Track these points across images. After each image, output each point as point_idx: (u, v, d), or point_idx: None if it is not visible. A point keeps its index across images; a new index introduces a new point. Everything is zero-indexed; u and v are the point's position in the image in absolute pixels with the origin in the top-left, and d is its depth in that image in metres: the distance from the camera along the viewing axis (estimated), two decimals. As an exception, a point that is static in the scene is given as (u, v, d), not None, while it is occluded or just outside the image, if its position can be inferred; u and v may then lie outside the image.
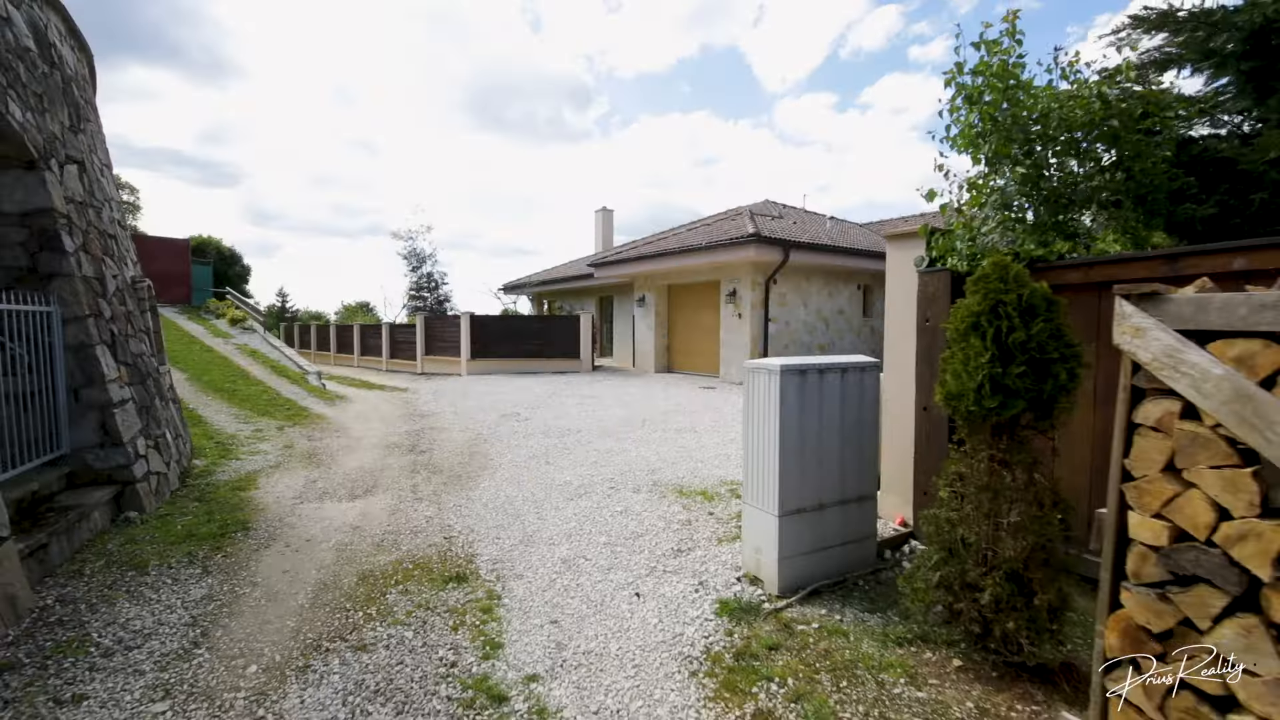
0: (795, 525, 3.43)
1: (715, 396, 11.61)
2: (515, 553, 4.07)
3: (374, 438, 8.14)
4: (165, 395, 6.03)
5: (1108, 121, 3.64)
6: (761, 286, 13.49)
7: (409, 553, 4.07)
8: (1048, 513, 2.57)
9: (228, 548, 4.16)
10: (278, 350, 15.05)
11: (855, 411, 3.63)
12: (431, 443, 7.77)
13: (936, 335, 3.87)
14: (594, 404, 10.70)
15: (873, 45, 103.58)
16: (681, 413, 9.65)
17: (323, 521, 4.73)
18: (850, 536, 3.67)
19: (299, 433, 8.38)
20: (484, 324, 16.85)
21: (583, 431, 8.20)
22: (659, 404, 10.64)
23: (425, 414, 10.22)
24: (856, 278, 16.04)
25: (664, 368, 16.76)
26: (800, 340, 14.57)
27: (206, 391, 10.62)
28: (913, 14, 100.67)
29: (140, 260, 19.73)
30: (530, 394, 12.23)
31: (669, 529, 4.41)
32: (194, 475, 5.99)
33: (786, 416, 3.34)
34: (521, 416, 9.59)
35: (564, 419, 9.24)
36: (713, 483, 5.55)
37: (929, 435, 3.95)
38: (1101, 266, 3.19)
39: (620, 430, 8.25)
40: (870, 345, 16.65)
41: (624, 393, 12.23)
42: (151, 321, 6.10)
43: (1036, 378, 2.49)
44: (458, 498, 5.35)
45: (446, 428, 8.88)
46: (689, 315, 16.11)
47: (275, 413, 9.63)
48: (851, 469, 3.65)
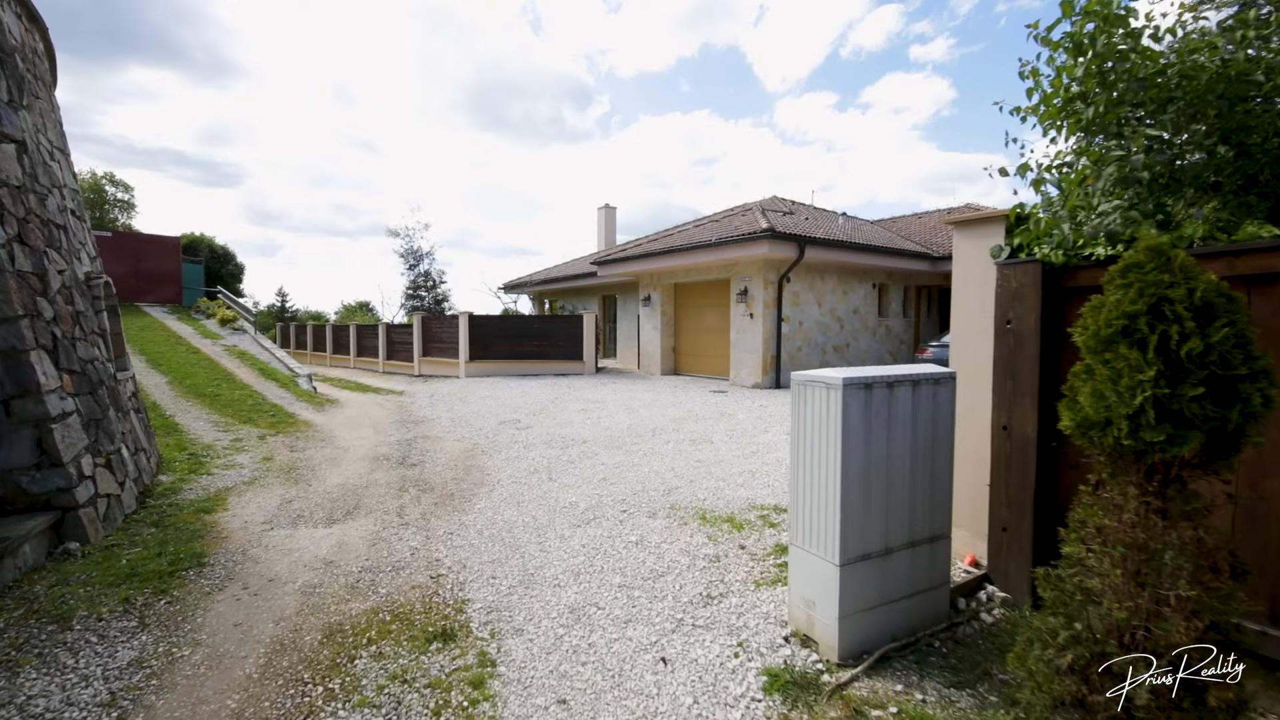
0: (859, 574, 2.78)
1: (727, 401, 10.96)
2: (514, 597, 3.42)
3: (362, 448, 7.50)
4: (123, 405, 5.39)
5: (1226, 85, 2.99)
6: (774, 285, 12.84)
7: (388, 597, 3.43)
8: (1225, 582, 1.92)
9: (175, 590, 3.52)
10: (268, 352, 14.42)
11: (928, 432, 2.98)
12: (424, 454, 7.13)
13: (1022, 340, 3.23)
14: (599, 410, 10.06)
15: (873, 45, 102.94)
16: (693, 420, 9.00)
17: (292, 554, 4.09)
18: (920, 585, 3.02)
19: (282, 442, 7.74)
20: (483, 324, 16.20)
21: (588, 442, 7.55)
22: (668, 410, 9.99)
23: (419, 420, 9.59)
24: (871, 276, 15.38)
25: (670, 370, 16.12)
26: (814, 341, 13.92)
27: (187, 397, 9.99)
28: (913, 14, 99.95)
29: (129, 259, 19.14)
30: (531, 398, 11.59)
31: (694, 566, 3.76)
32: (156, 494, 5.36)
33: (850, 441, 2.69)
34: (522, 424, 8.95)
35: (568, 427, 8.59)
36: (739, 506, 4.90)
37: (1009, 460, 3.31)
38: (1254, 256, 2.53)
39: (629, 440, 7.60)
40: (887, 346, 16.00)
41: (630, 397, 11.59)
42: (109, 323, 5.46)
43: (1219, 401, 1.84)
44: (449, 522, 4.71)
45: (441, 436, 8.24)
46: (697, 315, 15.47)
47: (259, 419, 8.99)
48: (923, 503, 3.00)
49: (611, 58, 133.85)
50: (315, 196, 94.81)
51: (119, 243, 18.93)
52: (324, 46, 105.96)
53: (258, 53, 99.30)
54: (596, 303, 21.43)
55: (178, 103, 74.47)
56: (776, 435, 7.73)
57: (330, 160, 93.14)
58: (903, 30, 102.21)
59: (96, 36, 65.27)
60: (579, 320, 16.23)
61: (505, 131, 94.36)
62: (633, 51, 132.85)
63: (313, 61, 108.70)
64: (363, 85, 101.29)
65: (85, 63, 63.59)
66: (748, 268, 13.00)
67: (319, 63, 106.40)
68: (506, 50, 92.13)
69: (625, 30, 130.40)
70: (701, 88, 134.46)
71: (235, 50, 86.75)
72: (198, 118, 78.74)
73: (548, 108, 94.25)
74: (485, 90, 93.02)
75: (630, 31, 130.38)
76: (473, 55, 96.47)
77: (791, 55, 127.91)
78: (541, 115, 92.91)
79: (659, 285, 15.90)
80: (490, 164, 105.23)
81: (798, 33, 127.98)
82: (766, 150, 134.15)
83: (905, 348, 16.74)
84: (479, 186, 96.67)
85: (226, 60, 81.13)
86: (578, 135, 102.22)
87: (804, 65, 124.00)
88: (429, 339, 17.28)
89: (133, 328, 15.31)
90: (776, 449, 6.95)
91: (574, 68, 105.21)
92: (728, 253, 12.52)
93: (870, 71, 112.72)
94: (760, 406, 10.19)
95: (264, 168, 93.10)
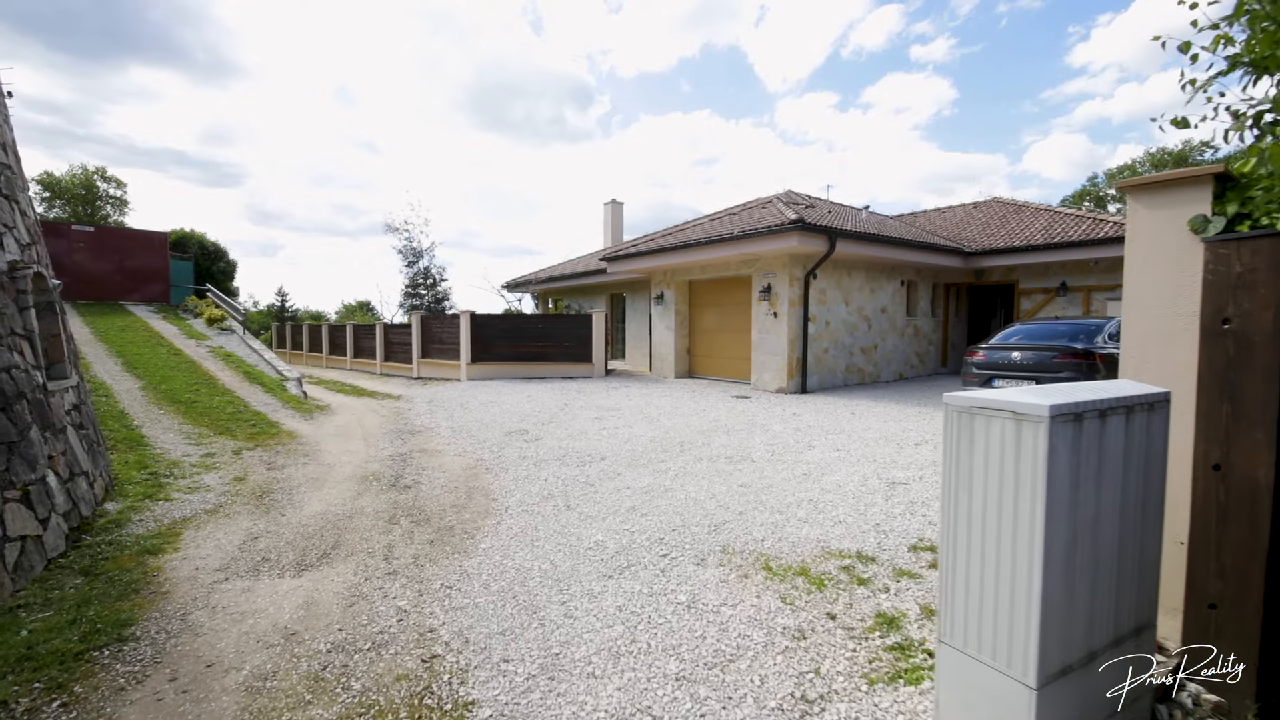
0: (1060, 695, 1.86)
1: (755, 409, 10.03)
2: (533, 696, 2.50)
3: (350, 464, 6.59)
4: (55, 421, 4.47)
5: None
6: (800, 281, 11.90)
7: (362, 698, 2.51)
8: None
9: (77, 683, 2.60)
10: (256, 354, 13.51)
11: (1139, 479, 2.06)
12: (420, 472, 6.21)
13: (1248, 346, 2.30)
14: (615, 419, 9.14)
15: (874, 45, 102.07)
16: (723, 431, 8.07)
17: (245, 620, 3.17)
18: (1125, 700, 2.10)
19: (259, 458, 6.83)
20: (485, 324, 15.27)
21: (608, 458, 6.63)
22: (692, 419, 9.06)
23: (416, 430, 8.67)
24: (899, 272, 14.45)
25: (684, 372, 15.19)
26: (841, 342, 12.98)
27: (161, 403, 9.08)
28: (914, 14, 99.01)
29: (113, 255, 18.26)
30: (539, 404, 10.67)
31: (773, 647, 2.84)
32: (97, 528, 4.45)
33: (1056, 499, 1.77)
34: (530, 435, 8.03)
35: (582, 440, 7.67)
36: (810, 552, 3.96)
37: (1224, 511, 2.37)
38: None
39: (655, 457, 6.68)
40: (915, 347, 15.06)
41: (647, 403, 10.67)
42: (37, 323, 4.54)
43: None
44: (448, 569, 3.79)
45: (440, 450, 7.32)
46: (714, 314, 14.54)
47: (237, 430, 8.08)
48: (1130, 580, 2.08)
49: (612, 58, 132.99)
50: (316, 196, 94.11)
51: (102, 238, 18.00)
52: (325, 47, 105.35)
53: (259, 53, 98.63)
54: (604, 302, 20.50)
55: (179, 103, 73.94)
56: (824, 452, 6.80)
57: (331, 160, 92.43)
58: (903, 30, 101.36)
59: (98, 36, 64.77)
60: (588, 320, 15.31)
61: (506, 131, 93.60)
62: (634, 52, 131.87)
63: (314, 62, 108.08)
64: (364, 86, 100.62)
65: (87, 63, 63.29)
66: (772, 263, 12.07)
67: (320, 63, 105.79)
68: (508, 50, 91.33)
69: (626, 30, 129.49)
70: (702, 88, 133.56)
71: (236, 51, 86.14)
72: (199, 118, 78.18)
73: (549, 108, 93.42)
74: (486, 90, 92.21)
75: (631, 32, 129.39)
76: (474, 56, 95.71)
77: (792, 55, 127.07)
78: (543, 115, 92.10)
79: (673, 282, 14.97)
80: (491, 164, 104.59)
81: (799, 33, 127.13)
82: (767, 150, 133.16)
83: (934, 349, 15.80)
84: (480, 187, 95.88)
85: (228, 60, 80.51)
86: (579, 135, 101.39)
87: (805, 65, 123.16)
88: (429, 340, 16.37)
89: (113, 327, 14.42)
90: (831, 470, 6.02)
91: (575, 68, 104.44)
92: (751, 246, 11.58)
93: (871, 71, 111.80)
94: (793, 415, 9.25)
95: (265, 168, 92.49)
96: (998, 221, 16.19)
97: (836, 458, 6.53)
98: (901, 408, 10.01)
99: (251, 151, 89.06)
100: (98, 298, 17.64)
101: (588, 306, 21.41)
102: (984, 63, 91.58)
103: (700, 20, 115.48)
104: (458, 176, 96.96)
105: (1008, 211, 17.02)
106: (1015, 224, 15.49)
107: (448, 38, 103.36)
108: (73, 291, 17.39)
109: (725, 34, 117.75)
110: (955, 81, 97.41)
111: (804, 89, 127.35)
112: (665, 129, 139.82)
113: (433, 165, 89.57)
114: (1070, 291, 13.66)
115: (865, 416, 9.16)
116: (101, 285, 17.68)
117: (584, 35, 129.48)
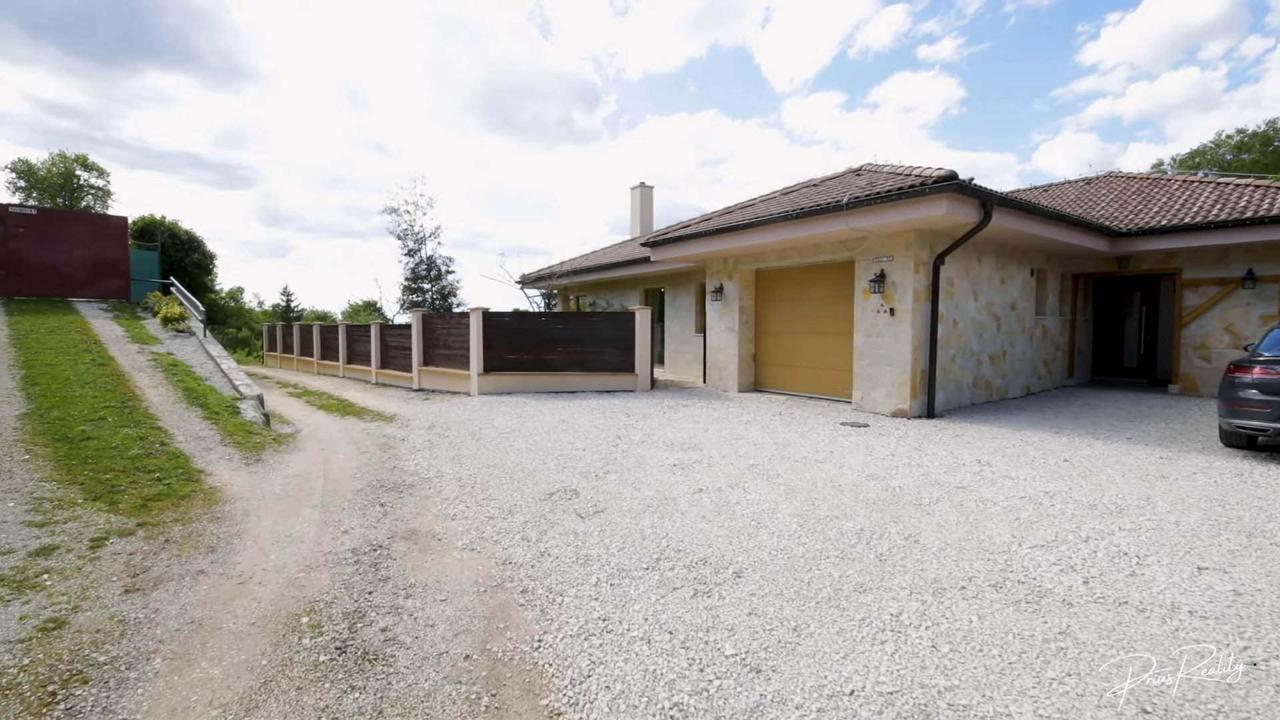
0: None
1: (901, 448, 6.99)
2: None
3: (277, 581, 3.64)
4: None
5: None
6: (928, 267, 8.84)
7: None
8: None
9: None
10: (213, 361, 10.64)
11: None
12: (398, 608, 3.25)
13: None
14: (706, 471, 6.13)
15: (881, 44, 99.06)
16: (913, 507, 5.04)
17: None
18: None
19: (124, 560, 3.90)
20: (500, 324, 12.27)
21: (743, 574, 3.63)
22: (826, 468, 6.04)
23: (406, 484, 5.72)
24: (1029, 259, 11.34)
25: (749, 384, 12.16)
26: (969, 348, 9.91)
27: (35, 441, 6.18)
28: (920, 13, 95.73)
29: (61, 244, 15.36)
30: (580, 436, 7.69)
31: None
32: None
33: None
34: (584, 500, 5.06)
35: (674, 517, 4.68)
36: None
37: None
38: None
39: (827, 578, 3.68)
40: (1042, 353, 11.92)
41: (734, 436, 7.65)
42: None
43: None
44: None
45: (439, 534, 4.37)
46: (790, 311, 11.49)
47: (127, 490, 5.16)
48: None
49: (619, 60, 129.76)
50: (327, 198, 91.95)
51: (48, 223, 15.15)
52: (337, 51, 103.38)
53: (272, 57, 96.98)
54: (638, 298, 17.49)
55: (194, 106, 73.29)
56: (1159, 569, 3.77)
57: (342, 162, 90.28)
58: (910, 30, 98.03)
59: (114, 41, 63.58)
60: (629, 320, 12.26)
61: (515, 133, 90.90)
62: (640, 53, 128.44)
63: (326, 65, 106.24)
64: (375, 88, 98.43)
65: (104, 66, 62.36)
66: (888, 243, 9.02)
67: (332, 67, 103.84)
68: (516, 53, 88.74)
69: (633, 32, 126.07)
70: (709, 88, 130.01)
71: (250, 55, 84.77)
72: (213, 121, 77.06)
73: (557, 109, 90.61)
74: (496, 93, 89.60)
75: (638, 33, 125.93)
76: (483, 58, 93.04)
77: (799, 55, 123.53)
78: (551, 116, 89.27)
79: (736, 272, 11.94)
80: (499, 165, 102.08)
81: (805, 33, 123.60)
82: (774, 150, 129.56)
83: (1062, 356, 12.64)
84: (488, 188, 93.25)
85: (241, 65, 79.02)
86: (586, 136, 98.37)
87: (812, 65, 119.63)
88: (432, 343, 13.42)
89: (39, 330, 11.59)
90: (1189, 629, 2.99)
91: (582, 69, 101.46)
92: (864, 219, 8.51)
93: (878, 71, 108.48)
94: (979, 465, 6.18)
95: (277, 170, 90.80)
96: (1137, 198, 13.00)
97: (1194, 582, 3.49)
98: (1108, 445, 6.95)
99: (264, 154, 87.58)
100: (42, 293, 14.87)
101: (617, 304, 18.40)
102: (992, 62, 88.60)
103: (706, 22, 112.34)
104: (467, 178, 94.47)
105: (1142, 186, 13.82)
106: (1165, 200, 12.32)
107: (458, 41, 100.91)
108: (9, 285, 14.62)
109: (732, 35, 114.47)
110: (963, 80, 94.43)
111: (811, 89, 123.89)
112: (672, 129, 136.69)
113: (442, 167, 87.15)
114: (1262, 282, 10.49)
115: (1085, 464, 6.10)
116: (47, 278, 14.91)
117: (591, 38, 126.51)
